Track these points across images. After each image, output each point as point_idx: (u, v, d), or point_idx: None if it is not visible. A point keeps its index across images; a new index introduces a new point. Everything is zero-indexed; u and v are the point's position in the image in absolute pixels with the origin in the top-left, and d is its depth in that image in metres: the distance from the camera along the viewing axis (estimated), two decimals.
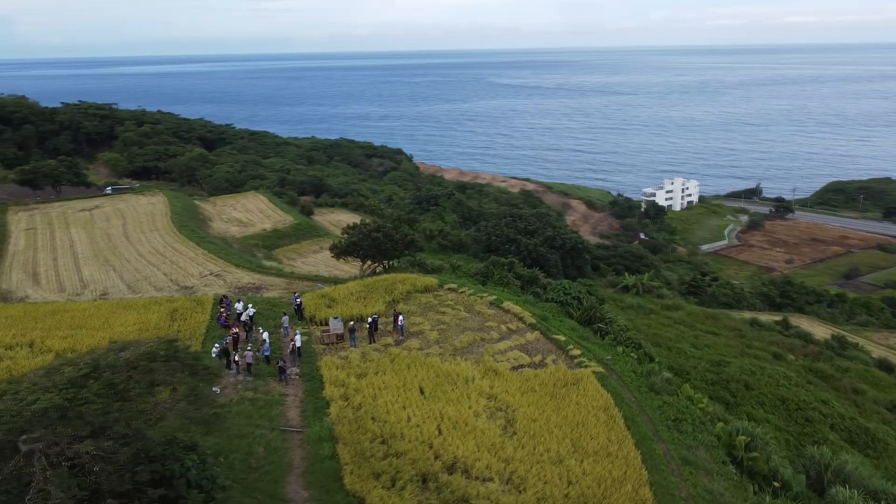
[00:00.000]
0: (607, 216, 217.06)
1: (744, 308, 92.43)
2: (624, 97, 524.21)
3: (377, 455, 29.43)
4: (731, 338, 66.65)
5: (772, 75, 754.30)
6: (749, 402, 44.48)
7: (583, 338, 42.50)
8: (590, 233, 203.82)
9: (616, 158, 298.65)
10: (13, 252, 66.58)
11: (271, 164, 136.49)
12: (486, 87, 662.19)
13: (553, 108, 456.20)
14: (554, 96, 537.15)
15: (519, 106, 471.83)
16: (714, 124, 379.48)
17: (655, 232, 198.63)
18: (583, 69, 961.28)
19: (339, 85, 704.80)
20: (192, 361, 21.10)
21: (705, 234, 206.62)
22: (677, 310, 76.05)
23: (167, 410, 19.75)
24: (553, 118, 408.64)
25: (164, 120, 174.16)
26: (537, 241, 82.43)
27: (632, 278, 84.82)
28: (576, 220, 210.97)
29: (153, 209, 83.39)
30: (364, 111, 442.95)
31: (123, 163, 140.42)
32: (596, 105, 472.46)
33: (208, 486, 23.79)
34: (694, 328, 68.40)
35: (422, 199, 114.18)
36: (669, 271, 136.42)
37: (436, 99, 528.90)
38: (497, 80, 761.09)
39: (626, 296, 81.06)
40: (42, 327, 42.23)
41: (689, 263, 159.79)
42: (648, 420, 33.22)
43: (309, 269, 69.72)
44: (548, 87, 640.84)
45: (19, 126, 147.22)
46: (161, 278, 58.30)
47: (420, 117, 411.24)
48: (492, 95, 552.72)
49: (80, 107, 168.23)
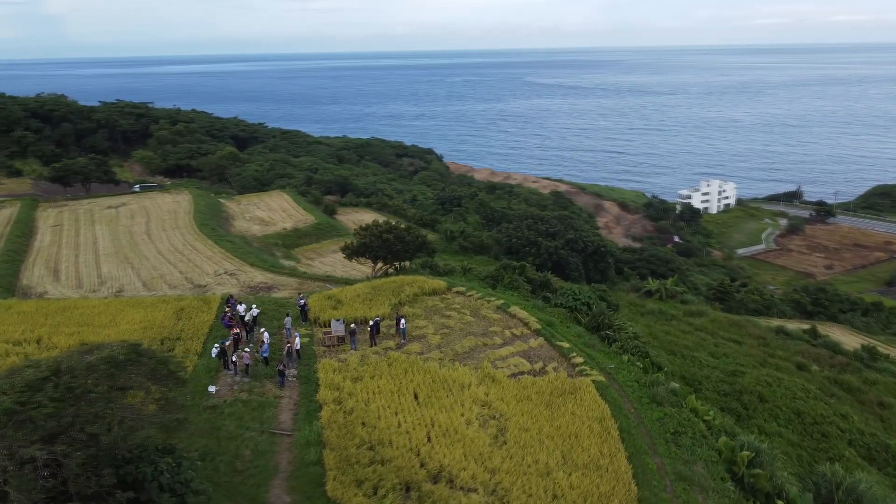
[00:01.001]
0: (641, 218, 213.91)
1: (773, 315, 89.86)
2: (663, 97, 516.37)
3: (362, 461, 29.07)
4: (754, 346, 64.68)
5: (817, 75, 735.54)
6: (762, 414, 42.97)
7: (588, 345, 41.55)
8: (622, 235, 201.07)
9: (652, 160, 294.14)
10: (38, 248, 68.01)
11: (300, 163, 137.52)
12: (523, 86, 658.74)
13: (589, 109, 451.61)
14: (590, 96, 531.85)
15: (554, 106, 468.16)
16: (755, 125, 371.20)
17: (690, 235, 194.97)
18: (622, 69, 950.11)
19: (375, 84, 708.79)
20: (156, 366, 20.94)
21: (742, 237, 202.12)
22: (700, 316, 74.14)
23: (130, 415, 19.60)
24: (589, 118, 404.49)
25: (197, 119, 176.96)
26: (558, 243, 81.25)
27: (655, 283, 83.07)
28: (608, 222, 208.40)
29: (177, 207, 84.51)
30: (398, 110, 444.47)
31: (157, 161, 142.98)
32: (633, 105, 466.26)
33: (181, 489, 23.64)
34: (716, 336, 66.58)
35: (444, 199, 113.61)
36: (703, 275, 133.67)
37: (471, 98, 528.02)
38: (534, 79, 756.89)
39: (648, 301, 79.46)
40: (51, 324, 42.86)
41: (724, 268, 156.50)
42: (646, 432, 32.23)
43: (326, 269, 69.82)
44: (585, 86, 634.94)
45: (58, 124, 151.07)
46: (177, 276, 58.90)
47: (454, 117, 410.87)
48: (527, 95, 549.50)
49: (117, 105, 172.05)
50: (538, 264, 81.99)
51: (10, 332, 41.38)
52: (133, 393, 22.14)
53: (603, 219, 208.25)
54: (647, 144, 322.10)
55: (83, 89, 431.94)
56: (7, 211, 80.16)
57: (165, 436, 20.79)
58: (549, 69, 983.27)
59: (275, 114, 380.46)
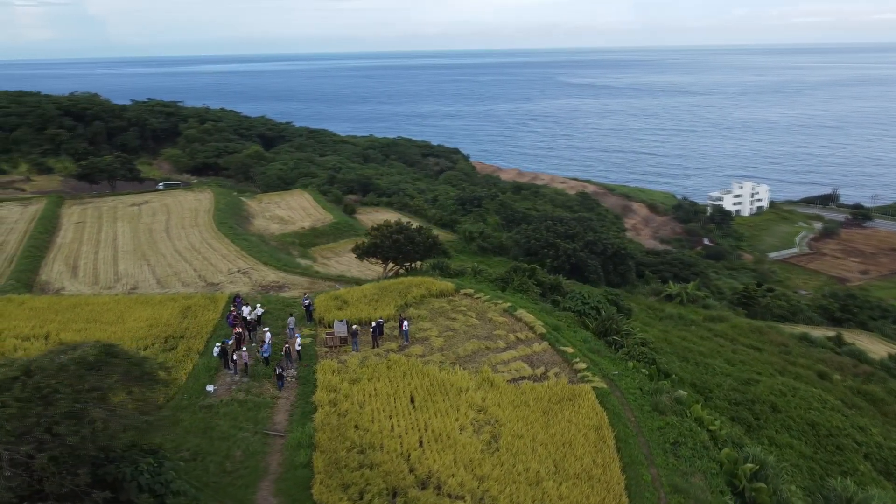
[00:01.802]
0: (670, 220, 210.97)
1: (799, 322, 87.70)
2: (696, 97, 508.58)
3: (351, 465, 28.78)
4: (775, 354, 63.05)
5: (857, 75, 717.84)
6: (774, 425, 41.71)
7: (593, 350, 40.78)
8: (650, 237, 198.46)
9: (683, 161, 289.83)
10: (59, 244, 69.22)
11: (325, 162, 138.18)
12: (553, 86, 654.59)
13: (620, 109, 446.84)
14: (622, 96, 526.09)
15: (584, 106, 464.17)
16: (790, 127, 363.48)
17: (720, 238, 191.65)
18: (656, 68, 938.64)
19: (405, 84, 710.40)
20: (129, 367, 20.89)
21: (774, 241, 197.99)
22: (721, 321, 72.62)
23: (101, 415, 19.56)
24: (619, 119, 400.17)
25: (225, 117, 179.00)
26: (577, 245, 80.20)
27: (676, 287, 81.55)
28: (636, 224, 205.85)
29: (198, 205, 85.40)
30: (427, 110, 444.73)
31: (185, 159, 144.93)
32: (665, 106, 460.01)
33: (161, 490, 23.61)
34: (735, 342, 65.07)
35: (465, 199, 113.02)
36: (733, 279, 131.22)
37: (500, 98, 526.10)
38: (565, 79, 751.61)
39: (667, 305, 78.06)
40: (60, 320, 43.44)
41: (755, 271, 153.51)
42: (644, 442, 31.44)
43: (342, 269, 69.95)
44: (617, 86, 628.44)
45: (90, 122, 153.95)
46: (191, 274, 59.42)
47: (483, 117, 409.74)
48: (557, 95, 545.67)
49: (148, 104, 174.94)
50: (556, 266, 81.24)
51: (20, 328, 42.03)
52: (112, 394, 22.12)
53: (631, 220, 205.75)
54: (678, 145, 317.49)
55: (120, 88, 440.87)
56: (33, 207, 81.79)
57: (137, 437, 20.67)
58: (580, 69, 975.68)
59: (304, 113, 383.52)
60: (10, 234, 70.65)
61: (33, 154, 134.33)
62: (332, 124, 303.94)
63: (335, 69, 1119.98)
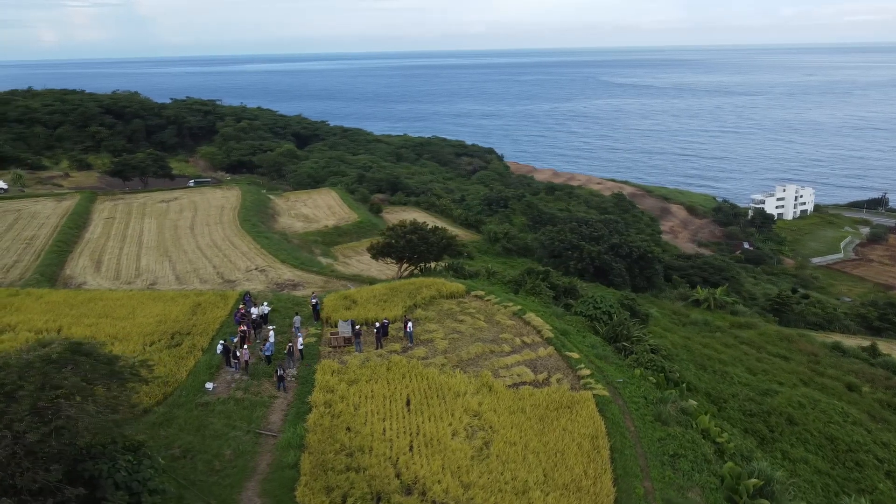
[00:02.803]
0: (709, 223, 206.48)
1: (834, 330, 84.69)
2: (741, 98, 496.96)
3: (337, 468, 28.49)
4: (802, 363, 60.87)
5: None
6: (789, 438, 40.11)
7: (600, 356, 39.79)
8: (688, 240, 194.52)
9: (725, 164, 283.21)
10: (88, 239, 70.71)
11: (356, 161, 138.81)
12: (596, 85, 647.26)
13: (662, 109, 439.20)
14: (665, 96, 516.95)
15: (626, 106, 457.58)
16: (840, 129, 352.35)
17: (761, 242, 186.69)
18: (702, 68, 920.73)
19: (446, 83, 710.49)
20: (95, 365, 20.88)
21: (818, 245, 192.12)
22: (748, 328, 70.45)
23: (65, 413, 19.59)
24: (661, 119, 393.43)
25: (261, 116, 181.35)
26: (601, 248, 78.75)
27: (703, 292, 79.47)
28: (674, 226, 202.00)
29: (225, 203, 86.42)
30: (466, 109, 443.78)
31: (220, 156, 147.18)
32: (708, 106, 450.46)
33: (138, 488, 23.65)
34: (761, 350, 63.07)
35: (491, 200, 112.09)
36: (772, 284, 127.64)
37: (540, 98, 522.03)
38: (608, 78, 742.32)
39: (694, 311, 76.12)
40: (74, 314, 44.22)
41: (796, 277, 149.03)
42: (641, 453, 30.44)
43: (362, 268, 69.94)
44: (660, 86, 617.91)
45: (130, 120, 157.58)
46: (210, 271, 60.01)
47: (521, 116, 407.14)
48: (598, 95, 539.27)
49: (186, 102, 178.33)
50: (580, 269, 79.95)
51: (35, 321, 42.90)
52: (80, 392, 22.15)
53: (668, 223, 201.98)
54: (721, 147, 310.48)
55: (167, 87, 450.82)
56: (67, 203, 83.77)
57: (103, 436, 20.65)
58: (625, 68, 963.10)
59: (343, 111, 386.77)
60: (42, 228, 72.43)
61: (75, 150, 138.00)
62: (370, 123, 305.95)
63: (377, 68, 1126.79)
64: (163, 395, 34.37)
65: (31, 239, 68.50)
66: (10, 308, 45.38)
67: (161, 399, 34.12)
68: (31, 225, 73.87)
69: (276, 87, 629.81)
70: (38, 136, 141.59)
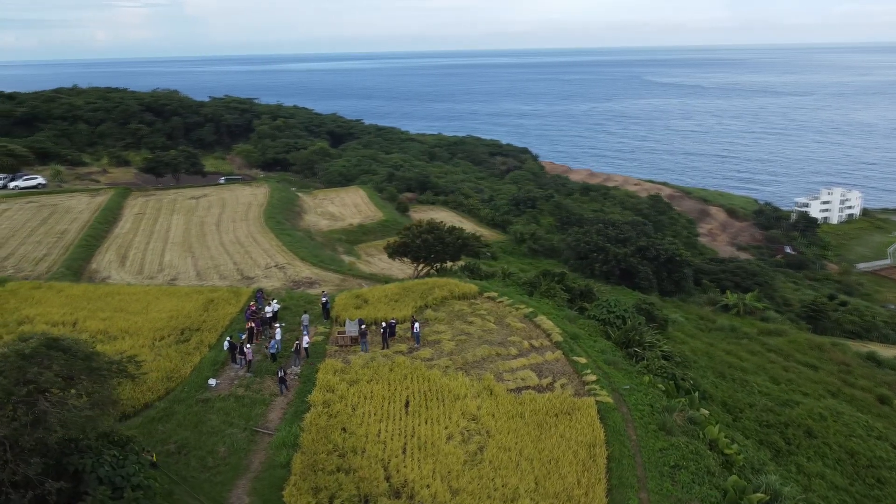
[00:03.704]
0: (750, 226, 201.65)
1: (873, 339, 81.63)
2: (788, 98, 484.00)
3: (328, 468, 28.32)
4: (832, 373, 58.72)
5: None
6: (806, 451, 38.61)
7: (609, 362, 38.86)
8: (727, 243, 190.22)
9: (769, 166, 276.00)
10: (116, 234, 72.11)
11: (387, 160, 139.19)
12: (639, 85, 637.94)
13: (705, 109, 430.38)
14: (708, 97, 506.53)
15: (668, 106, 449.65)
16: (892, 130, 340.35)
17: (804, 246, 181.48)
18: (748, 68, 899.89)
19: (486, 82, 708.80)
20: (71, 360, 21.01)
21: (865, 251, 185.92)
22: (777, 336, 68.34)
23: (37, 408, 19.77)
24: (704, 120, 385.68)
25: (297, 114, 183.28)
26: (628, 250, 77.30)
27: (733, 297, 77.38)
28: (713, 229, 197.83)
29: (252, 200, 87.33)
30: (504, 108, 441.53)
31: (255, 154, 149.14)
32: (752, 107, 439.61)
33: (122, 483, 23.80)
34: (789, 359, 61.04)
35: (519, 200, 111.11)
36: (813, 290, 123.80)
37: (580, 97, 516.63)
38: (652, 78, 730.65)
39: (722, 316, 74.16)
40: (90, 308, 45.04)
41: (839, 283, 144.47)
42: (640, 464, 29.55)
43: (382, 267, 69.90)
44: (705, 86, 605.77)
45: (169, 118, 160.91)
46: (230, 267, 60.56)
47: (560, 116, 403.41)
48: (640, 94, 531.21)
49: (224, 101, 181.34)
50: (606, 271, 78.70)
51: (52, 314, 43.81)
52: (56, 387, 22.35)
53: (707, 225, 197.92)
54: (765, 149, 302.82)
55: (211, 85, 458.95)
56: (100, 198, 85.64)
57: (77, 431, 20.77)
58: (669, 67, 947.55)
59: (382, 110, 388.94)
60: (73, 223, 74.11)
61: (116, 147, 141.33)
62: (408, 122, 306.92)
63: (418, 67, 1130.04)
64: (165, 390, 34.74)
65: (62, 233, 70.11)
66: (31, 300, 46.47)
67: (163, 394, 34.49)
68: (64, 219, 75.65)
69: (318, 86, 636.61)
70: (80, 133, 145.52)
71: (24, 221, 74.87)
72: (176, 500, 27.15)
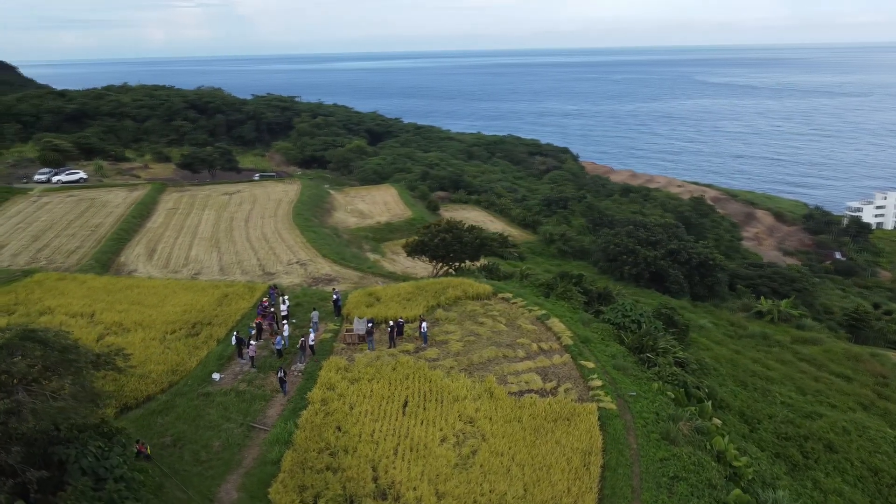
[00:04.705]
0: (798, 231, 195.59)
1: None
2: (845, 99, 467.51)
3: (316, 467, 28.19)
4: (867, 385, 56.15)
5: None
6: (825, 466, 36.89)
7: (619, 367, 37.81)
8: (773, 247, 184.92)
9: (821, 170, 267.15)
10: (148, 228, 73.71)
11: (423, 158, 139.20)
12: (688, 85, 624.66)
13: (756, 110, 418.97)
14: (760, 97, 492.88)
15: (717, 107, 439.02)
16: None
17: (855, 252, 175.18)
18: (805, 67, 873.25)
19: (532, 81, 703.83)
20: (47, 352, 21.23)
21: None
22: (813, 344, 65.77)
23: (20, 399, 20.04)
24: (755, 121, 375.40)
25: (336, 112, 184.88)
26: (658, 253, 75.52)
27: (767, 303, 74.86)
28: (759, 233, 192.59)
29: (283, 196, 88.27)
30: (547, 108, 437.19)
31: (294, 151, 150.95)
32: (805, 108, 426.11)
33: (105, 474, 24.03)
34: (822, 369, 58.65)
35: (551, 200, 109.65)
36: (862, 297, 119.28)
37: (626, 97, 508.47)
38: (703, 78, 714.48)
39: (755, 323, 71.82)
40: (109, 300, 46.00)
41: (891, 291, 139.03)
42: (637, 473, 28.59)
43: (407, 265, 69.68)
44: (758, 86, 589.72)
45: (213, 115, 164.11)
46: (253, 263, 61.25)
47: (604, 116, 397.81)
48: (689, 95, 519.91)
49: (266, 99, 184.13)
50: (635, 274, 77.08)
51: (72, 305, 44.91)
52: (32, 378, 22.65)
53: (753, 229, 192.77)
54: (817, 151, 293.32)
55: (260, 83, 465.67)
56: (137, 193, 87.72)
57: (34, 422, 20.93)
58: (722, 67, 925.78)
59: (425, 109, 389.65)
60: (108, 216, 76.02)
61: (160, 143, 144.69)
62: (451, 121, 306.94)
63: (466, 66, 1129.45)
64: (169, 383, 35.14)
65: (96, 227, 71.98)
66: (54, 291, 47.73)
67: (166, 387, 34.89)
68: (100, 213, 77.67)
69: (362, 85, 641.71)
70: (127, 130, 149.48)
71: (63, 214, 77.17)
72: (166, 492, 27.35)
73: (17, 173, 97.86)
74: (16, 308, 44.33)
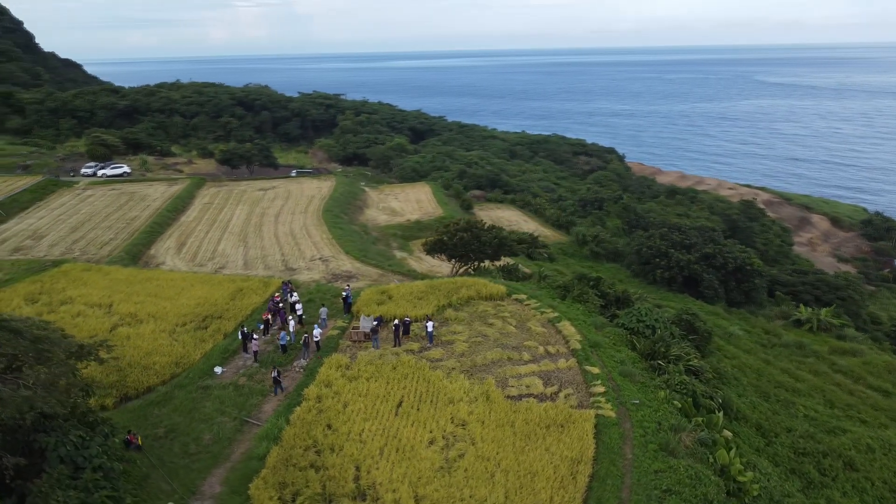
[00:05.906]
0: (856, 237, 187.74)
1: None
2: None
3: (300, 464, 28.09)
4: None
5: None
6: (843, 485, 34.98)
7: (625, 374, 36.65)
8: (828, 253, 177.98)
9: (885, 174, 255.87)
10: (182, 222, 75.24)
11: (464, 157, 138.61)
12: (749, 85, 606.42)
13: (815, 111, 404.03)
14: (826, 98, 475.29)
15: (776, 108, 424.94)
16: None
17: None
18: (876, 67, 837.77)
19: (586, 81, 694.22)
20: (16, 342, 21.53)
21: None
22: (852, 356, 62.77)
23: None
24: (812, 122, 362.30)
25: (380, 110, 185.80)
26: (692, 257, 73.25)
27: (807, 311, 71.75)
28: (813, 238, 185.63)
29: (316, 193, 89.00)
30: (597, 107, 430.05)
31: (336, 148, 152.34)
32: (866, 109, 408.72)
33: (83, 463, 24.35)
34: (859, 381, 55.87)
35: (586, 200, 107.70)
36: None
37: (680, 97, 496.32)
38: (766, 77, 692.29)
39: (792, 331, 68.94)
40: (128, 291, 46.98)
41: None
42: (629, 485, 27.55)
43: (433, 264, 69.22)
44: (823, 86, 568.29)
45: (259, 112, 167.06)
46: (277, 258, 61.82)
47: (656, 116, 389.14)
48: (747, 95, 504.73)
49: (311, 96, 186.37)
50: (667, 278, 75.04)
51: (93, 296, 46.03)
52: None
53: (807, 234, 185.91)
54: (880, 156, 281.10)
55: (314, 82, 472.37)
56: (175, 188, 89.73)
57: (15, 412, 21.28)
58: (785, 66, 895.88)
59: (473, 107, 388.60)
60: (145, 210, 77.91)
61: (207, 139, 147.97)
62: (498, 119, 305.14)
63: (520, 65, 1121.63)
64: (170, 375, 35.58)
65: (132, 220, 73.83)
66: (78, 282, 49.02)
67: (168, 379, 35.35)
68: (138, 206, 79.66)
69: (415, 84, 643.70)
70: (176, 126, 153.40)
71: (103, 207, 79.42)
72: (150, 484, 27.63)
73: (65, 167, 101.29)
74: (39, 297, 45.67)
